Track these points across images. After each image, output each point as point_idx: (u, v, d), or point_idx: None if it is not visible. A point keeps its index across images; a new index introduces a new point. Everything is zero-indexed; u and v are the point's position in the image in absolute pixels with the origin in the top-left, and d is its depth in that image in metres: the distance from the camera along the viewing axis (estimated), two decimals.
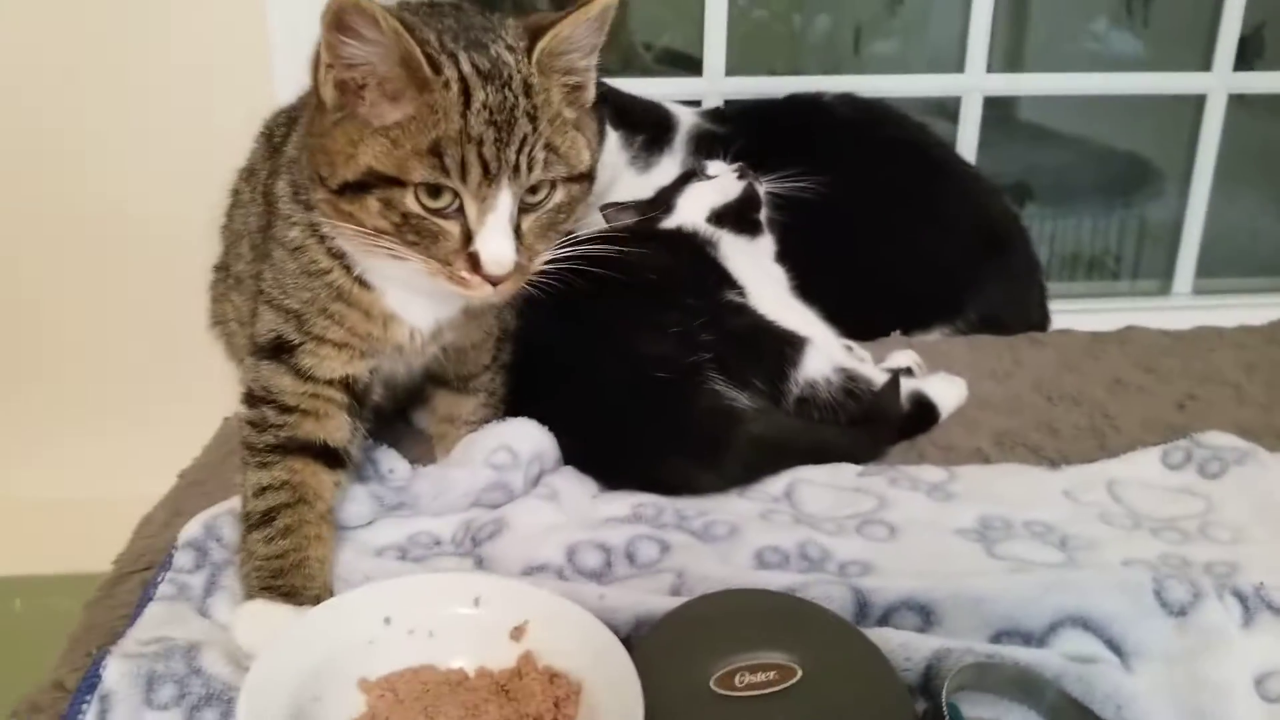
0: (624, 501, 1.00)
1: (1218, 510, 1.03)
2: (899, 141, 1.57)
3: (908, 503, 1.03)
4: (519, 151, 0.82)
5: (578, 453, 1.04)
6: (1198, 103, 1.95)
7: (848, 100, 1.60)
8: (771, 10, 2.06)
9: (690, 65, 1.91)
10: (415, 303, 0.94)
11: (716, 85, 1.80)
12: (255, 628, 0.79)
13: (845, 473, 1.08)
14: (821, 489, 1.05)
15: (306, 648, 0.72)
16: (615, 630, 0.76)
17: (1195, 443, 1.12)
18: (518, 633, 0.76)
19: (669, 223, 1.34)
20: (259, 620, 0.80)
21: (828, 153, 1.51)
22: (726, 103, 1.79)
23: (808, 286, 1.39)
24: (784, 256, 1.41)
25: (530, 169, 0.83)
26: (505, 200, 0.83)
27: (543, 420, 1.04)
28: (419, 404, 1.13)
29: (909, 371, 1.28)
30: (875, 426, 1.13)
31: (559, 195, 0.87)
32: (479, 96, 0.81)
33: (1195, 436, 1.13)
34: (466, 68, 0.81)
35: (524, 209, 0.86)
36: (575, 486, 1.01)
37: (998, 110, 2.19)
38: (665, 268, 1.15)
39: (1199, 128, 1.94)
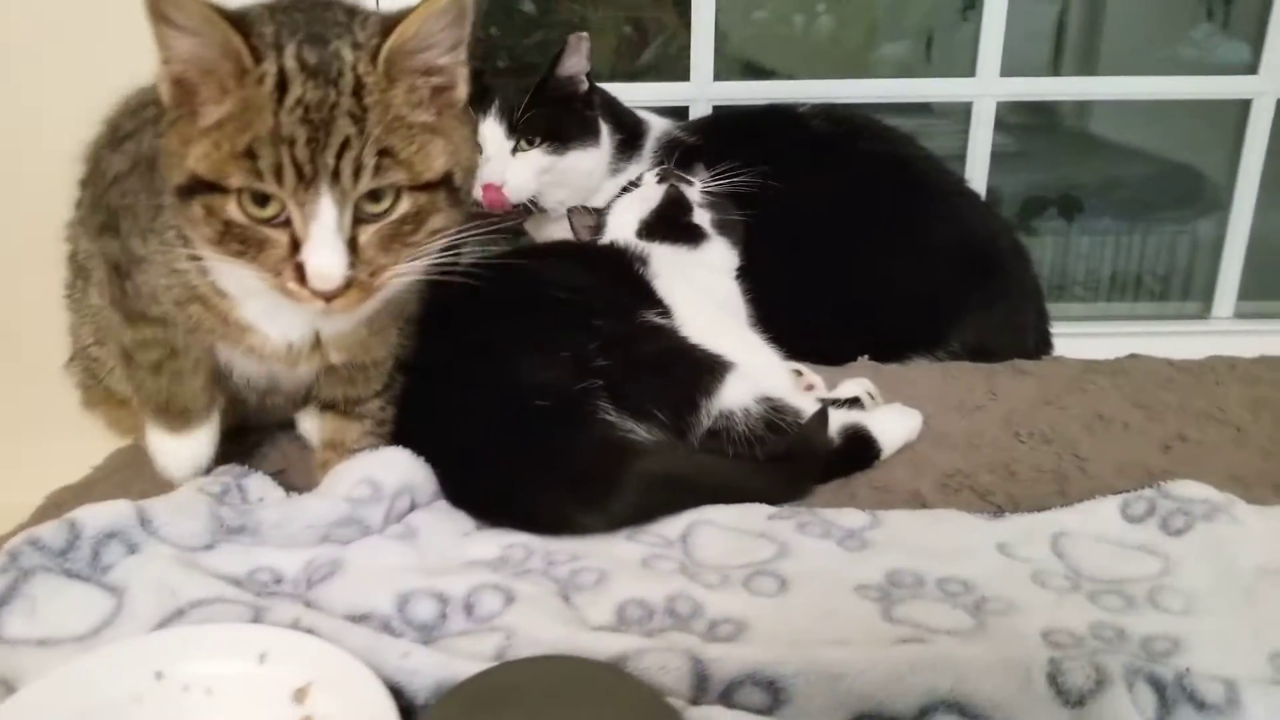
0: (495, 542, 0.91)
1: (1175, 573, 0.90)
2: (875, 156, 1.46)
3: (812, 552, 0.92)
4: (339, 155, 0.75)
5: (453, 487, 0.97)
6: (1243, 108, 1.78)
7: (824, 112, 1.50)
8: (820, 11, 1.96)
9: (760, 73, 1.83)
10: (279, 313, 0.88)
11: (705, 91, 1.71)
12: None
13: (755, 515, 0.98)
14: (722, 533, 0.95)
15: (62, 702, 0.66)
16: (414, 696, 0.69)
17: (1161, 493, 0.99)
18: (301, 694, 0.69)
19: (605, 238, 1.26)
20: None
21: (798, 166, 1.42)
22: (715, 109, 1.70)
23: (773, 305, 1.30)
24: (749, 272, 1.33)
25: (357, 176, 0.76)
26: (328, 208, 0.76)
27: (421, 451, 0.97)
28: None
29: (856, 402, 1.17)
30: (796, 463, 1.03)
31: (404, 205, 0.80)
32: (295, 92, 0.74)
33: (1163, 485, 1.00)
34: (289, 61, 0.75)
35: (362, 219, 0.79)
36: (443, 524, 0.93)
37: (1044, 118, 2.06)
38: (577, 286, 1.07)
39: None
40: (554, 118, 1.38)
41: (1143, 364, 1.35)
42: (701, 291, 1.19)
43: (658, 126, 1.52)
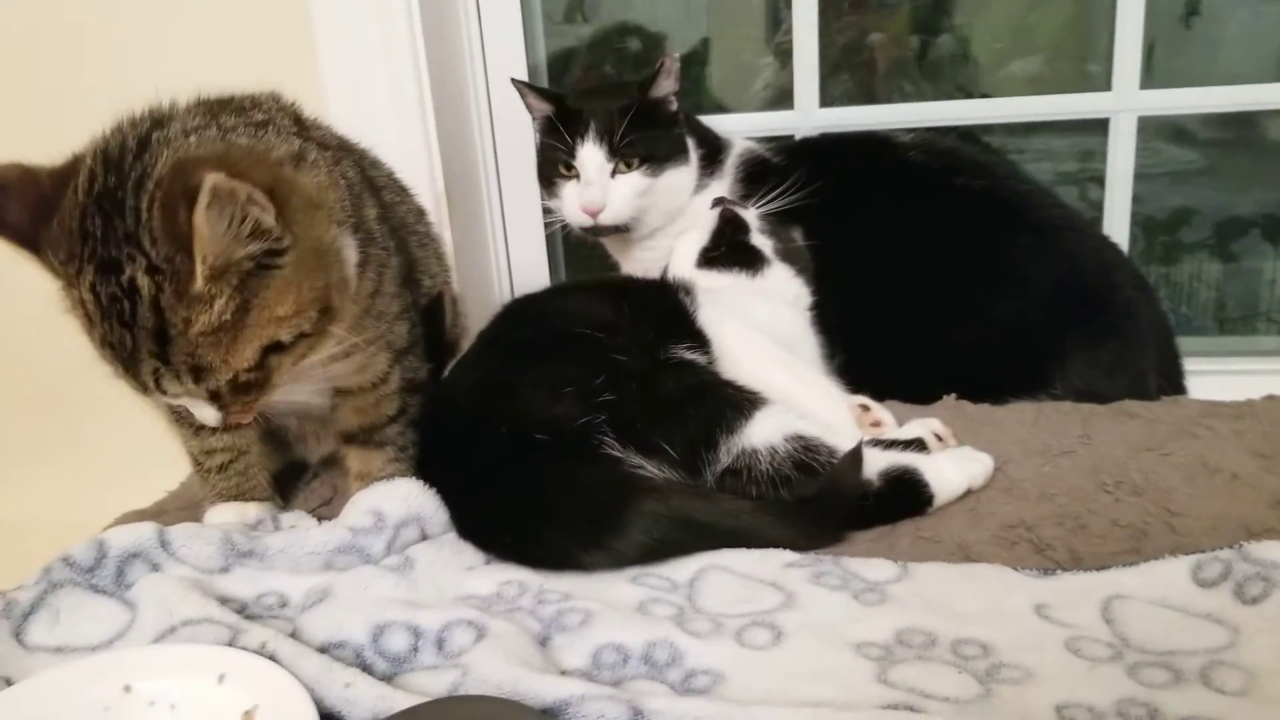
0: (494, 578, 0.91)
1: (1242, 647, 0.78)
2: (972, 192, 1.36)
3: (819, 604, 0.86)
4: (153, 379, 0.79)
5: (460, 520, 0.97)
6: None
7: (926, 143, 1.42)
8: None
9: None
10: None
11: (809, 118, 1.66)
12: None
13: (772, 562, 0.93)
14: (733, 579, 0.91)
15: (38, 706, 0.71)
16: None
17: (1241, 554, 0.86)
18: (248, 716, 0.71)
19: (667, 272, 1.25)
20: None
21: (889, 195, 1.35)
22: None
23: (860, 341, 1.25)
24: (834, 306, 1.28)
25: (177, 395, 0.80)
26: (167, 399, 0.82)
27: (433, 482, 0.98)
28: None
29: (919, 444, 1.09)
30: (822, 507, 0.97)
31: (244, 376, 0.81)
32: (97, 331, 0.78)
33: (1244, 546, 0.87)
34: (87, 296, 0.78)
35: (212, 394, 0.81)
36: (446, 558, 0.94)
37: (1242, 131, 1.87)
38: (598, 322, 1.06)
39: None
40: (651, 139, 1.38)
41: (1276, 407, 1.19)
42: (753, 323, 1.15)
43: (737, 144, 1.49)
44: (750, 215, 1.26)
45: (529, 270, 1.73)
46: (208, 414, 0.81)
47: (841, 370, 1.26)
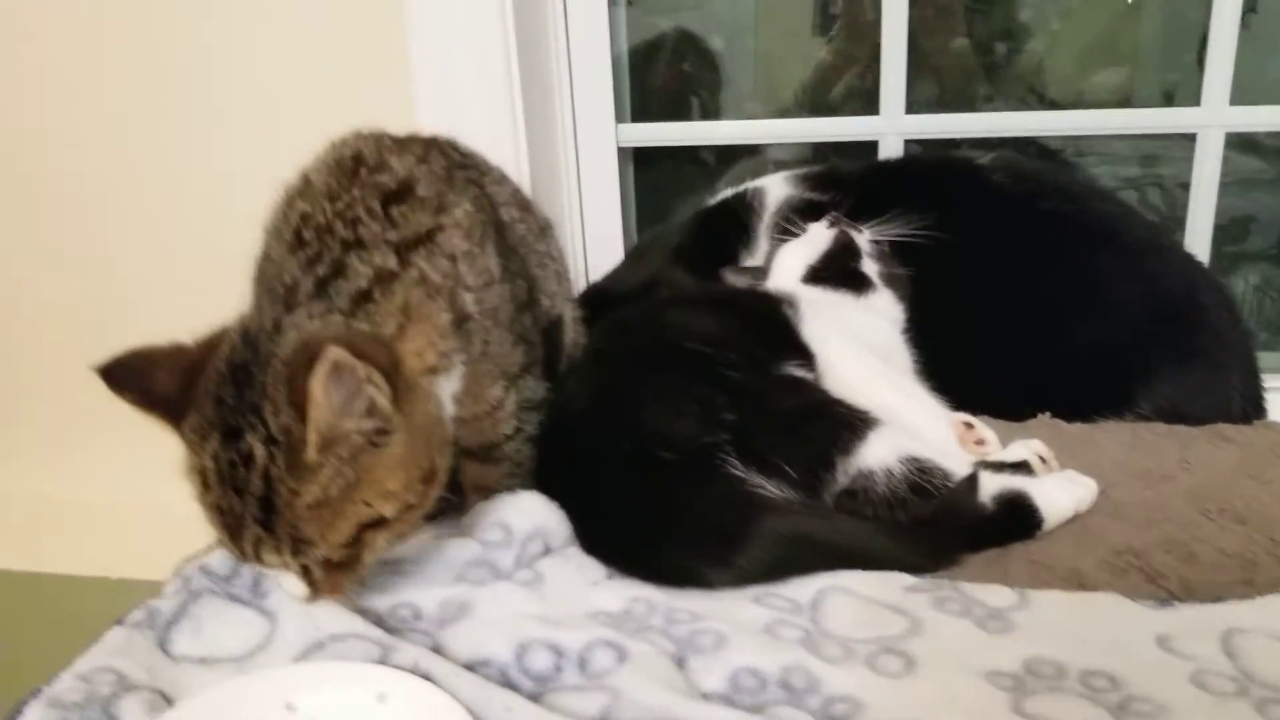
0: (620, 594, 0.93)
1: None
2: (1058, 215, 1.37)
3: (947, 631, 0.88)
4: (253, 547, 0.80)
5: (584, 534, 0.99)
6: None
7: (1009, 165, 1.42)
8: None
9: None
10: None
11: (895, 124, 1.66)
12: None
13: (893, 585, 0.94)
14: (856, 602, 0.92)
15: None
16: None
17: None
18: None
19: (768, 283, 1.26)
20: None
21: (975, 223, 1.36)
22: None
23: (946, 363, 1.26)
24: (921, 327, 1.30)
25: (274, 565, 0.81)
26: (268, 569, 0.83)
27: (555, 495, 1.00)
28: None
29: (1025, 466, 1.10)
30: (940, 531, 0.98)
31: (335, 557, 0.82)
32: (211, 495, 0.80)
33: None
34: (209, 463, 0.80)
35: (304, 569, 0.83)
36: (572, 572, 0.95)
37: None
38: (710, 337, 1.07)
39: None
40: None
41: None
42: (858, 339, 1.16)
43: (773, 193, 1.51)
44: (863, 240, 1.26)
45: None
46: (297, 589, 0.82)
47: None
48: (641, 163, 1.80)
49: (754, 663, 0.83)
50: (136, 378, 0.81)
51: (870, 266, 1.26)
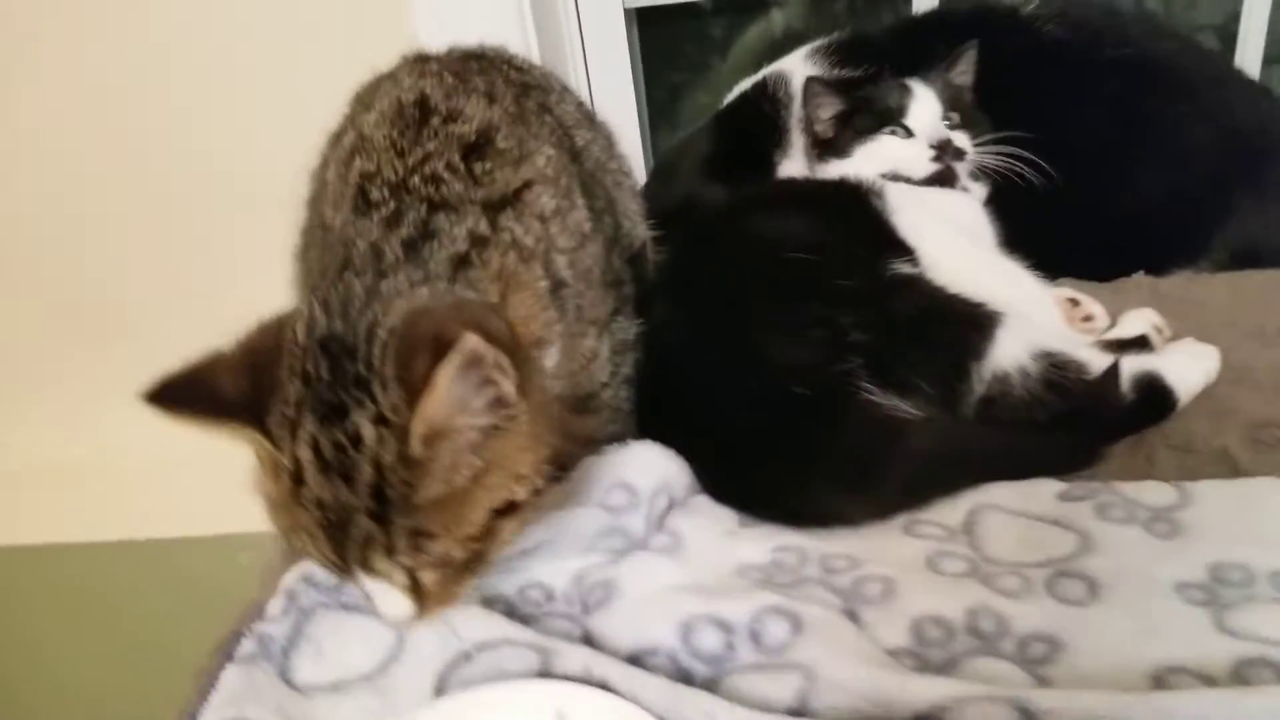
0: (762, 544, 0.86)
1: None
2: (1122, 62, 1.26)
3: (1118, 542, 0.82)
4: (364, 551, 0.68)
5: (711, 481, 0.91)
6: None
7: (1059, 14, 1.30)
8: None
9: None
10: None
11: None
12: None
13: (1042, 494, 0.88)
14: (1011, 520, 0.86)
15: None
16: None
17: None
18: None
19: (830, 171, 1.15)
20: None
21: (1025, 81, 1.25)
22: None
23: (1015, 226, 1.17)
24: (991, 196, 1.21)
25: (383, 572, 0.70)
26: (367, 582, 0.71)
27: (669, 441, 0.91)
28: None
29: (1143, 341, 1.03)
30: (1085, 429, 0.92)
31: (458, 552, 0.71)
32: (310, 490, 0.67)
33: None
34: (304, 453, 0.67)
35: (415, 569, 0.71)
36: (705, 525, 0.87)
37: None
38: (810, 241, 0.97)
39: None
40: None
41: None
42: (949, 222, 1.07)
43: (795, 74, 1.37)
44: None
45: None
46: (399, 608, 0.71)
47: None
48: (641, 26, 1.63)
49: (933, 608, 0.77)
50: (194, 392, 0.69)
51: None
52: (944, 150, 1.14)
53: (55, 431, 1.74)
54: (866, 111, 1.18)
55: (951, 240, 1.04)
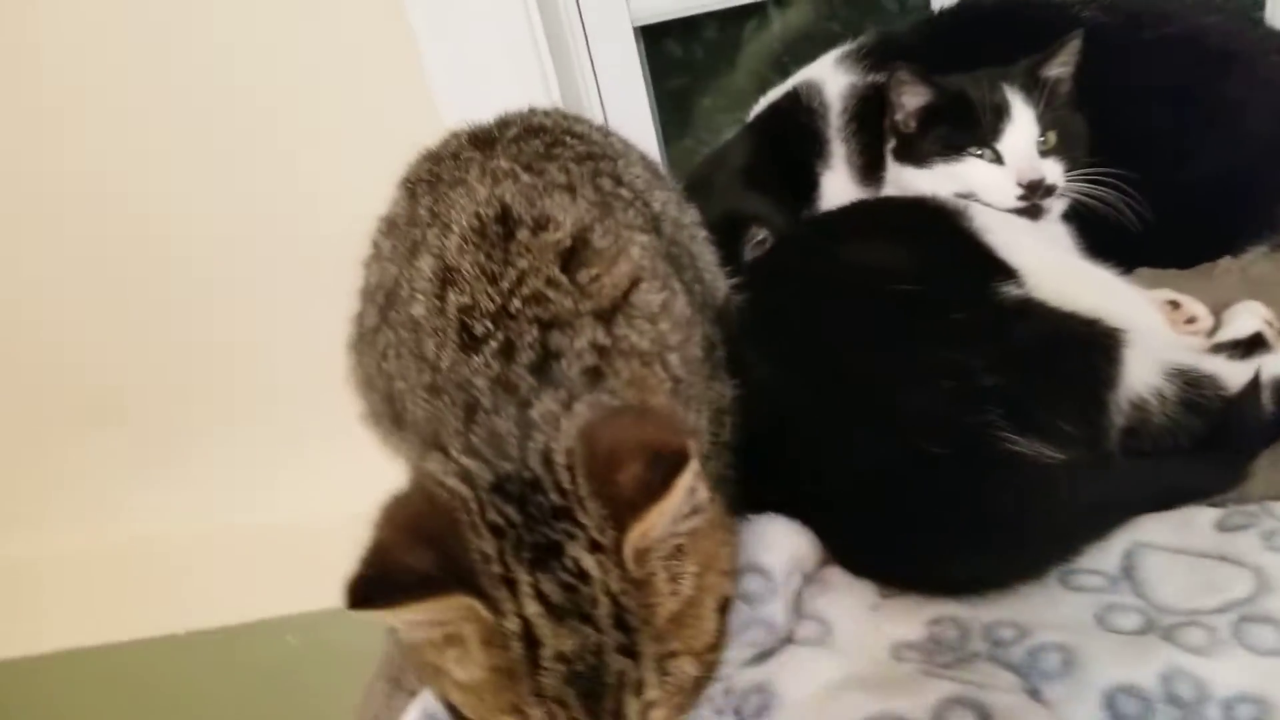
0: (914, 618, 0.78)
1: None
2: (1163, 44, 1.19)
3: None
4: (619, 691, 0.62)
5: (842, 551, 0.84)
6: None
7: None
8: None
9: None
10: None
11: None
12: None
13: (1197, 524, 0.82)
14: (1171, 559, 0.80)
15: None
16: None
17: None
18: None
19: (906, 179, 1.07)
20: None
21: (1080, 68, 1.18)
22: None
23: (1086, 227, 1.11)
24: None
25: (643, 700, 0.63)
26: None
27: (784, 507, 0.84)
28: None
29: (1258, 340, 0.97)
30: (1231, 450, 0.85)
31: (690, 669, 0.66)
32: (549, 647, 0.60)
33: None
34: (531, 607, 0.61)
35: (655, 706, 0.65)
36: (848, 603, 0.80)
37: None
38: (909, 272, 0.89)
39: None
40: None
41: None
42: (1037, 231, 1.00)
43: (830, 86, 1.29)
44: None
45: None
46: None
47: None
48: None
49: (1123, 678, 0.71)
50: (394, 582, 0.61)
51: None
52: (1033, 191, 1.05)
53: (68, 528, 1.64)
54: (955, 118, 1.09)
55: (1047, 252, 0.97)
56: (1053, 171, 1.06)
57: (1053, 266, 0.95)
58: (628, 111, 1.50)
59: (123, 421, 1.58)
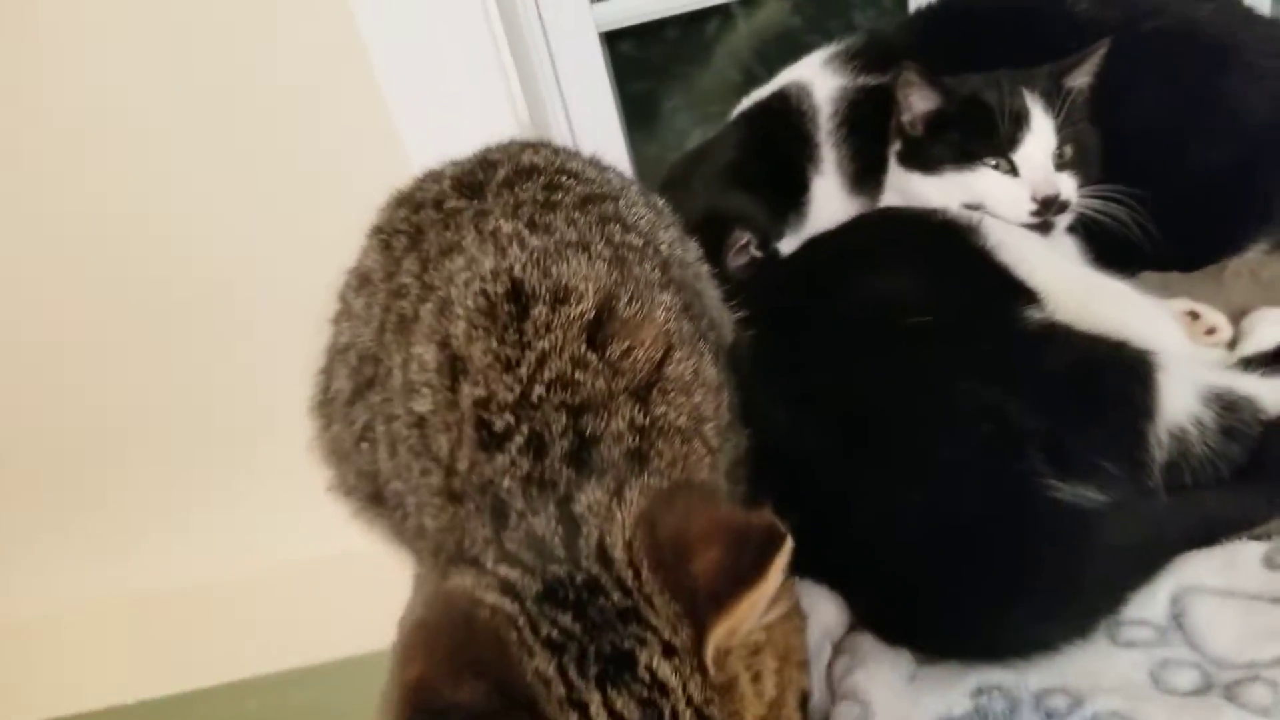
0: (956, 688, 0.72)
1: None
2: (1160, 36, 1.13)
3: None
4: None
5: (873, 616, 0.77)
6: None
7: None
8: None
9: None
10: None
11: None
12: None
13: (1244, 562, 0.77)
14: (1221, 603, 0.75)
15: None
16: None
17: None
18: None
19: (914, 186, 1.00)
20: None
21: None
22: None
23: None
24: None
25: None
26: None
27: (806, 571, 0.76)
28: None
29: None
30: (1268, 476, 0.80)
31: None
32: None
33: None
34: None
35: None
36: (885, 678, 0.73)
37: None
38: (935, 301, 0.83)
39: None
40: None
41: None
42: (1053, 247, 0.94)
43: (819, 88, 1.22)
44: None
45: None
46: None
47: None
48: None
49: None
50: (443, 703, 0.53)
51: None
52: (1047, 207, 0.98)
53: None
54: (970, 123, 1.02)
55: (1063, 269, 0.91)
56: (1067, 187, 1.00)
57: (1070, 284, 0.89)
58: (594, 118, 1.42)
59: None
